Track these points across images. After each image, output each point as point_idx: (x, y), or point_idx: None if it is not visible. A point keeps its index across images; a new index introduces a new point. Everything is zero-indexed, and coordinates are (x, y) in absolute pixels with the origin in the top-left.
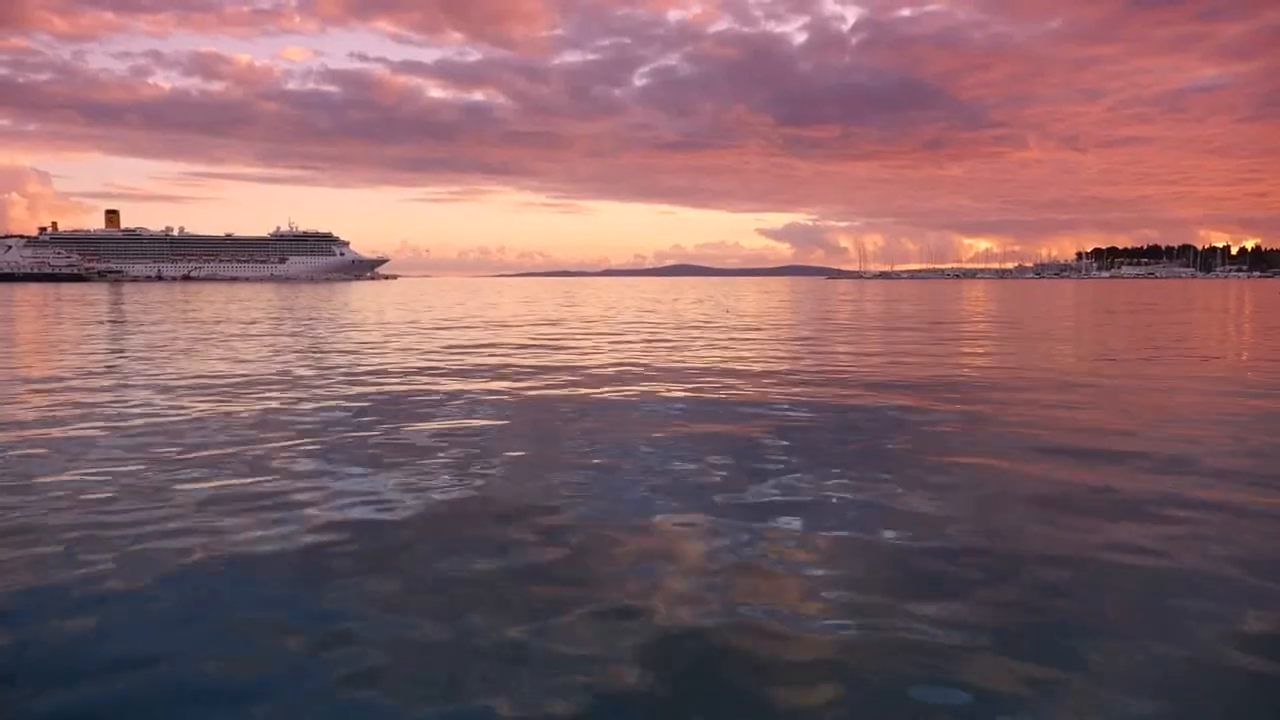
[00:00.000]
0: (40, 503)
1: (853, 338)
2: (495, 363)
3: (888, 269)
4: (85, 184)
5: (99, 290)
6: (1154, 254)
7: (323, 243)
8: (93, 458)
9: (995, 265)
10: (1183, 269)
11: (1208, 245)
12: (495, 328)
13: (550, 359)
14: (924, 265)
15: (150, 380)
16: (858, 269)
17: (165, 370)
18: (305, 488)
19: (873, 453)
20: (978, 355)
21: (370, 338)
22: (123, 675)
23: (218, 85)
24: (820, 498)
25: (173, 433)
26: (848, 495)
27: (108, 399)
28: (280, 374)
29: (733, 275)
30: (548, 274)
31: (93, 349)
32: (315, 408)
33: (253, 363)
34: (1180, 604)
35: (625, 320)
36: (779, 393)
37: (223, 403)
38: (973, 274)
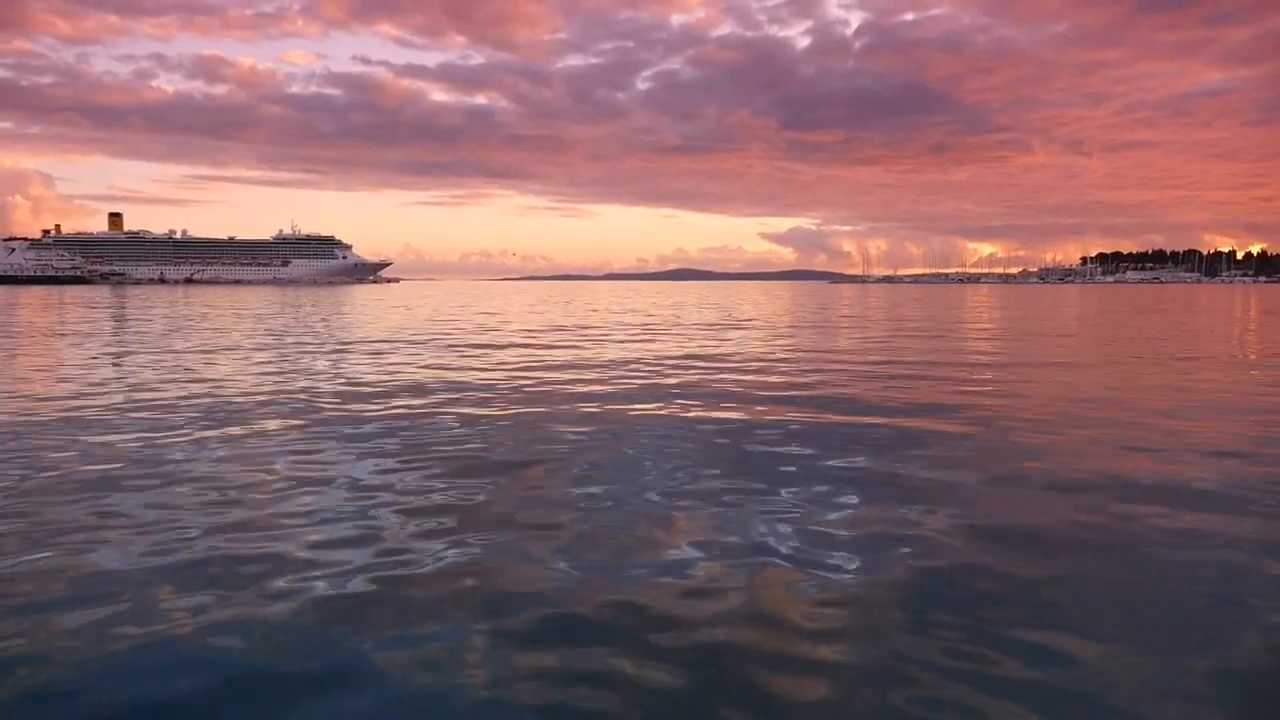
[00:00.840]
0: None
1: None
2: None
3: (891, 273)
4: (88, 186)
5: (102, 293)
6: (1159, 259)
7: (325, 246)
8: None
9: (999, 270)
10: (1188, 274)
11: (1213, 250)
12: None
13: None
14: (928, 270)
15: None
16: (861, 273)
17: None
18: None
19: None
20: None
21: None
22: None
23: (221, 88)
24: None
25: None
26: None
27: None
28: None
29: (735, 280)
30: (550, 278)
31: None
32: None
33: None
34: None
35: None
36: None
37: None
38: (976, 279)
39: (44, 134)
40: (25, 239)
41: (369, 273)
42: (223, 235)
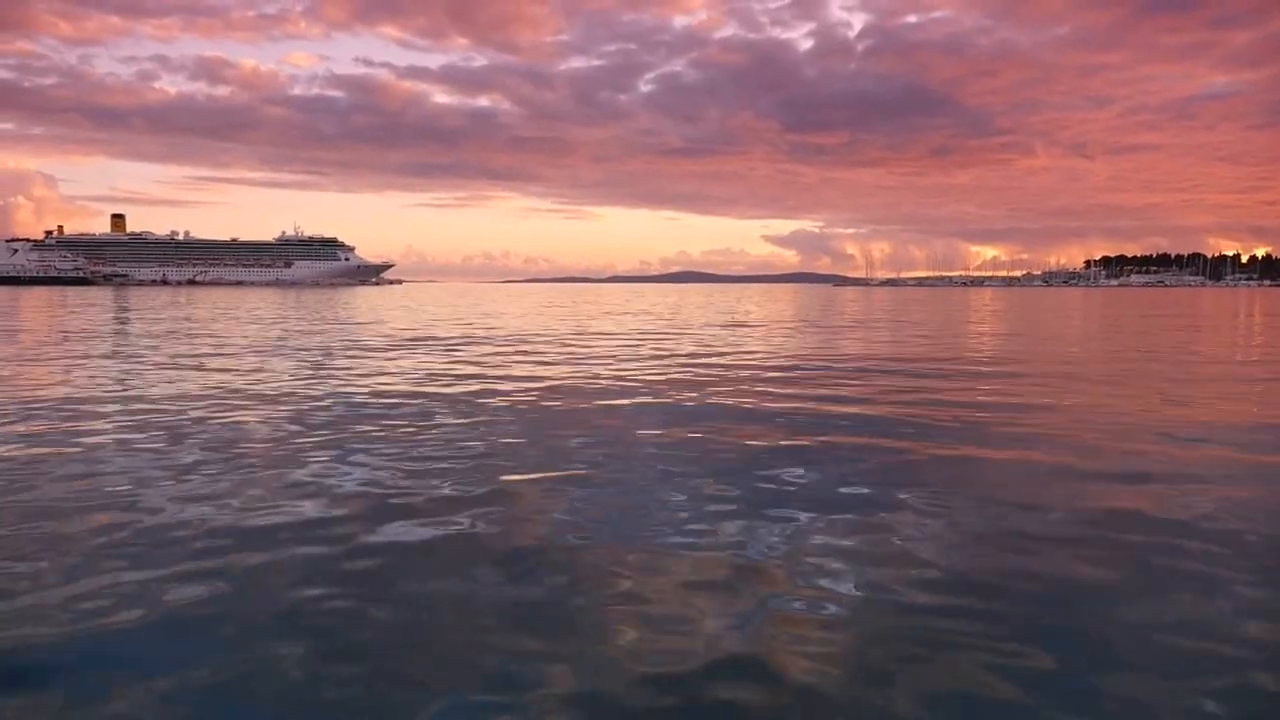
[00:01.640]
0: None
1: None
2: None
3: (894, 276)
4: (90, 188)
5: (109, 295)
6: (1163, 262)
7: (328, 248)
8: None
9: (1003, 273)
10: (1192, 278)
11: (1218, 253)
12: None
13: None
14: (931, 272)
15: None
16: (864, 276)
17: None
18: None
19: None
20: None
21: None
22: None
23: (223, 90)
24: None
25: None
26: None
27: None
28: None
29: (739, 282)
30: (553, 280)
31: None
32: None
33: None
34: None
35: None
36: None
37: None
38: (980, 282)
39: (46, 135)
40: (28, 240)
41: (371, 274)
42: (225, 237)
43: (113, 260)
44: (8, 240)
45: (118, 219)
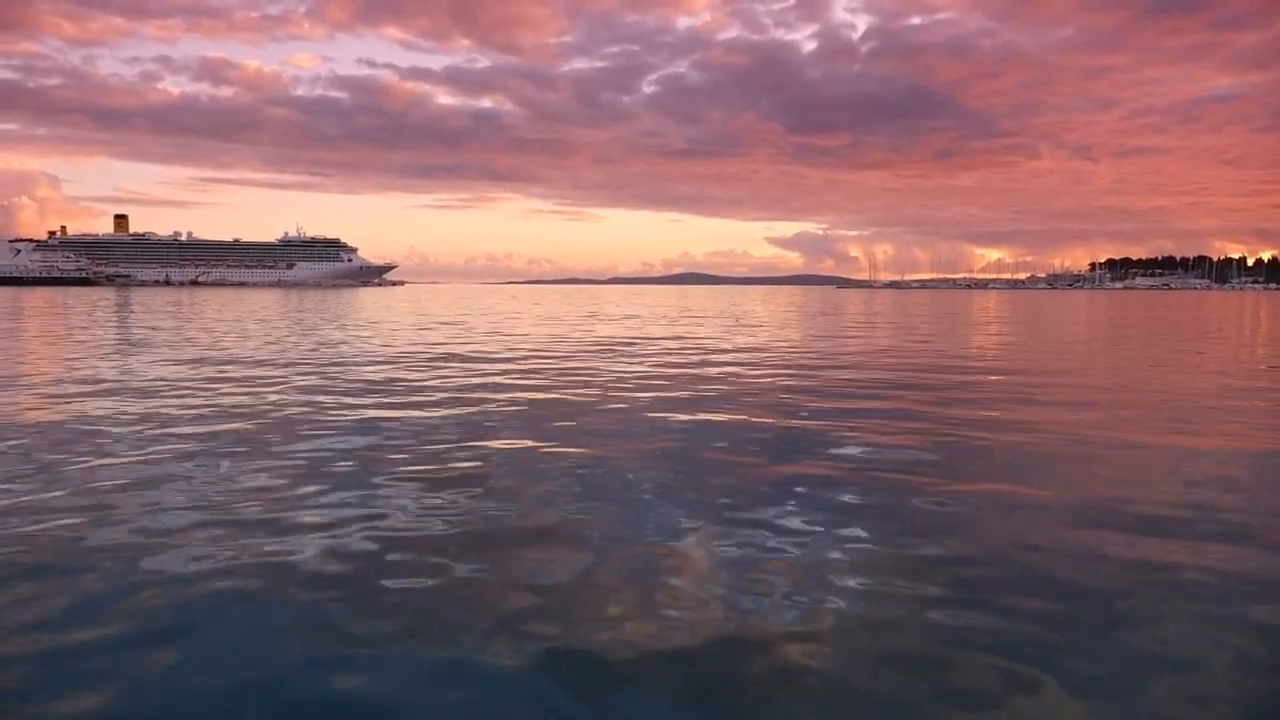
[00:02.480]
0: None
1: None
2: None
3: (898, 278)
4: (94, 188)
5: (117, 295)
6: (1169, 265)
7: (331, 249)
8: None
9: (1007, 275)
10: (1198, 280)
11: (1223, 256)
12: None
13: None
14: (935, 275)
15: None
16: (868, 278)
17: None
18: None
19: None
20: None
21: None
22: None
23: (226, 90)
24: None
25: None
26: None
27: None
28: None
29: (742, 284)
30: (555, 281)
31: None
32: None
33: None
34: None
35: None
36: None
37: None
38: (984, 284)
39: (50, 135)
40: (31, 240)
41: (374, 275)
42: (228, 237)
43: (116, 261)
44: (11, 241)
45: (121, 220)
